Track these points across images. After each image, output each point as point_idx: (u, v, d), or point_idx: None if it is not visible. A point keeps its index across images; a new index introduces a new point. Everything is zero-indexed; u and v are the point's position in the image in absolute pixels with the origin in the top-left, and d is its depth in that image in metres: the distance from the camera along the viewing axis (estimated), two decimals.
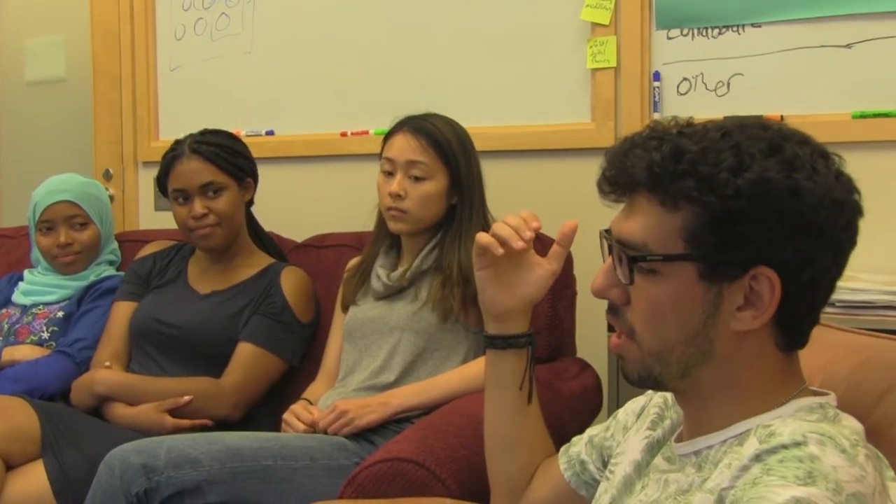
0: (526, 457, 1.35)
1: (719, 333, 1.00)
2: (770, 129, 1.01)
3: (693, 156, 0.97)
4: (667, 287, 1.00)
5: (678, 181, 0.97)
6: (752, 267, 0.97)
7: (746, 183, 0.95)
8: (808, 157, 0.98)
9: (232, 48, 2.94)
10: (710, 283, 0.98)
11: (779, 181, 0.95)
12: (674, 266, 0.99)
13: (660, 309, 1.01)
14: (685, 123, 1.03)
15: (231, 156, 2.26)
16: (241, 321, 2.20)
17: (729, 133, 0.99)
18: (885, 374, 1.11)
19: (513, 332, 1.32)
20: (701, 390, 1.04)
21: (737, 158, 0.96)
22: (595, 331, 2.16)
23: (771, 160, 0.96)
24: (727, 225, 0.96)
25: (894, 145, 2.16)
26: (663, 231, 0.99)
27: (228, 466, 1.74)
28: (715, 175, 0.96)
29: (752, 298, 0.98)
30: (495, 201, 2.12)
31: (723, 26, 2.34)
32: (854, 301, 1.96)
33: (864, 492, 0.89)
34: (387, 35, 2.71)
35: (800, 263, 0.97)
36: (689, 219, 0.98)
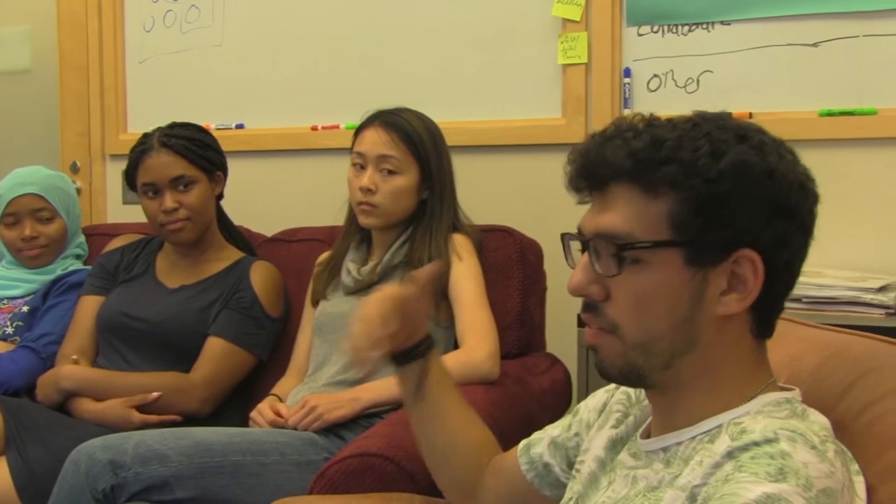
0: (470, 456, 1.35)
1: (704, 319, 1.01)
2: (728, 119, 1.04)
3: (672, 143, 0.99)
4: (652, 276, 1.00)
5: (662, 167, 0.99)
6: (734, 250, 0.99)
7: (727, 166, 0.98)
8: (771, 143, 1.02)
9: (202, 41, 2.91)
10: (696, 269, 1.00)
11: (756, 163, 0.98)
12: (660, 253, 1.00)
13: (646, 299, 1.01)
14: (651, 117, 1.04)
15: (201, 149, 2.24)
16: (211, 316, 2.19)
17: (698, 124, 1.02)
18: (849, 368, 1.12)
19: (411, 344, 1.31)
20: (680, 381, 1.04)
21: (712, 145, 0.99)
22: (564, 326, 2.18)
23: (743, 145, 0.99)
24: (711, 208, 0.98)
25: (860, 143, 2.19)
26: (647, 219, 1.00)
27: (197, 462, 1.73)
28: (696, 160, 0.98)
29: (734, 282, 1.00)
30: (466, 196, 2.13)
31: (693, 24, 2.36)
32: (819, 297, 1.99)
33: (834, 487, 0.90)
34: (358, 29, 2.71)
35: (778, 245, 0.99)
36: (673, 205, 0.99)
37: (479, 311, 1.95)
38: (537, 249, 2.20)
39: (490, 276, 2.04)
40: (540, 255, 2.21)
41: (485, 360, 1.87)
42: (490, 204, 2.30)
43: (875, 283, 2.02)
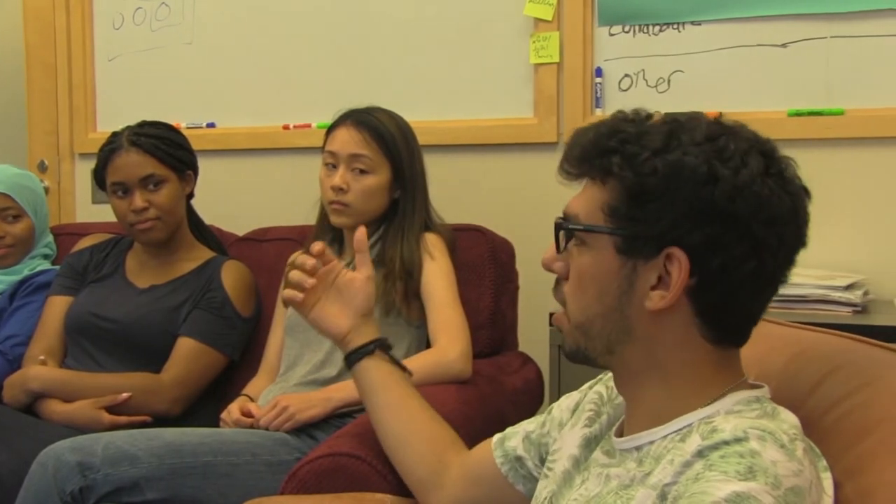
0: (425, 445, 1.40)
1: (635, 311, 1.03)
2: (720, 124, 1.04)
3: (626, 136, 1.02)
4: (590, 258, 1.05)
5: (605, 157, 1.03)
6: (665, 247, 1.00)
7: (664, 163, 0.99)
8: (743, 150, 1.01)
9: (172, 39, 2.90)
10: (626, 258, 1.02)
11: (697, 166, 0.99)
12: (596, 238, 1.04)
13: (584, 279, 1.06)
14: (645, 114, 1.06)
15: (171, 148, 2.22)
16: (181, 316, 2.17)
17: (673, 121, 1.03)
18: (817, 366, 1.13)
19: (361, 343, 1.47)
20: (630, 370, 1.07)
21: (665, 142, 1.00)
22: (536, 325, 2.18)
23: (697, 147, 1.00)
24: (640, 201, 1.00)
25: (827, 143, 2.22)
26: (592, 204, 1.05)
27: (168, 463, 1.72)
28: (638, 154, 1.01)
29: (665, 279, 1.01)
30: (438, 195, 2.13)
31: (664, 24, 2.37)
32: (788, 295, 2.01)
33: (802, 485, 0.91)
34: (330, 28, 2.70)
35: (708, 248, 0.99)
36: (612, 194, 1.03)
37: (451, 310, 1.94)
38: (509, 249, 2.21)
39: (462, 275, 2.04)
40: (512, 255, 2.21)
41: (457, 360, 1.87)
42: (462, 203, 2.31)
43: (843, 282, 2.05)
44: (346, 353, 1.49)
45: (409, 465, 1.41)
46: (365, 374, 1.47)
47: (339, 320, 1.49)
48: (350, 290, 1.50)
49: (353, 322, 1.49)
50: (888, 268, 2.19)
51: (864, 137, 2.22)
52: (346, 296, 1.50)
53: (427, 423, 1.43)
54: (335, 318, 1.49)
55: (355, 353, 1.47)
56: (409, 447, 1.41)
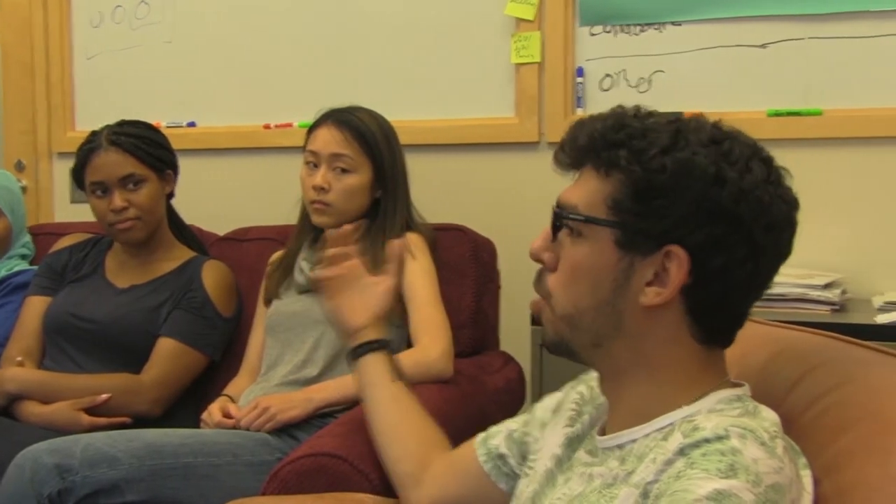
0: (413, 442, 1.41)
1: (628, 306, 1.03)
2: (721, 128, 1.05)
3: (632, 131, 1.02)
4: (586, 249, 1.04)
5: (612, 149, 1.02)
6: (666, 244, 1.00)
7: (673, 161, 0.99)
8: (746, 156, 1.02)
9: (152, 37, 2.88)
10: (624, 253, 1.02)
11: (704, 165, 1.00)
12: (594, 230, 1.04)
13: (577, 271, 1.05)
14: (646, 112, 1.07)
15: (151, 147, 2.21)
16: (162, 316, 2.16)
17: (677, 121, 1.04)
18: (796, 364, 1.14)
19: (371, 339, 1.49)
20: (615, 365, 1.07)
21: (672, 140, 1.01)
22: (518, 324, 2.19)
23: (705, 148, 1.01)
24: (647, 197, 1.00)
25: (806, 143, 2.24)
26: (593, 196, 1.04)
27: (148, 464, 1.71)
28: (646, 150, 1.01)
29: (661, 276, 1.01)
30: (420, 195, 2.13)
31: (644, 24, 2.38)
32: (769, 294, 2.00)
33: (782, 482, 0.92)
34: (311, 27, 2.70)
35: (711, 249, 1.00)
36: (616, 187, 1.02)
37: (432, 309, 1.94)
38: (491, 248, 2.21)
39: (444, 274, 2.04)
40: (493, 254, 2.21)
41: (438, 359, 1.87)
42: (444, 203, 2.31)
43: (821, 281, 2.07)
44: (354, 346, 1.50)
45: (396, 459, 1.41)
46: (369, 368, 1.48)
47: (354, 315, 1.51)
48: (373, 292, 1.53)
49: (367, 322, 1.51)
50: (866, 267, 2.21)
51: (841, 137, 2.23)
52: (367, 297, 1.52)
53: (418, 421, 1.44)
54: (351, 312, 1.52)
55: (364, 346, 1.49)
56: (400, 441, 1.42)
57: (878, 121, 2.20)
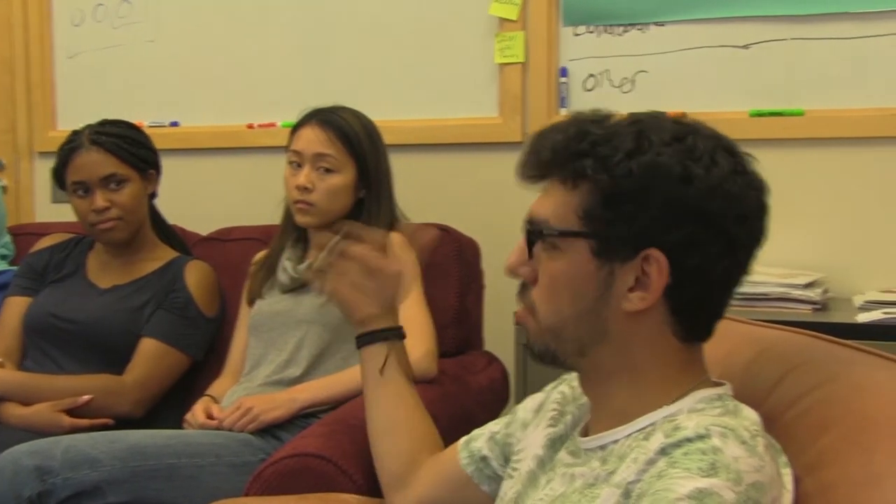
0: (406, 440, 1.38)
1: (612, 313, 1.03)
2: (682, 123, 1.04)
3: (595, 138, 1.02)
4: (564, 263, 1.04)
5: (578, 160, 1.02)
6: (643, 248, 1.00)
7: (639, 165, 0.99)
8: (710, 149, 1.01)
9: (134, 36, 2.86)
10: (603, 262, 1.02)
11: (671, 167, 0.99)
12: (570, 242, 1.03)
13: (557, 284, 1.05)
14: (605, 115, 1.06)
15: (133, 147, 2.20)
16: (144, 316, 2.15)
17: (638, 121, 1.03)
18: (778, 363, 1.15)
19: (376, 328, 1.42)
20: (602, 371, 1.07)
21: (636, 143, 1.00)
22: (502, 324, 2.19)
23: (669, 147, 1.00)
24: (617, 204, 1.00)
25: (788, 143, 2.25)
26: (563, 208, 1.03)
27: (130, 466, 1.70)
28: (611, 156, 1.00)
29: (643, 280, 1.01)
30: (404, 195, 2.13)
31: (628, 24, 2.39)
32: (751, 293, 2.03)
33: (763, 481, 0.92)
34: (295, 26, 2.69)
35: (687, 248, 1.00)
36: (585, 197, 1.02)
37: (416, 309, 1.94)
38: (475, 248, 2.21)
39: (427, 274, 2.04)
40: (477, 254, 2.22)
41: (422, 359, 1.86)
42: (427, 202, 2.30)
43: (803, 280, 2.08)
44: (362, 332, 1.43)
45: (387, 456, 1.39)
46: (373, 356, 1.41)
47: (365, 303, 1.42)
48: (381, 277, 1.42)
49: (378, 310, 1.42)
50: (847, 266, 2.22)
51: (823, 138, 2.25)
52: (378, 284, 1.42)
53: (415, 420, 1.41)
54: (362, 300, 1.42)
55: (371, 334, 1.42)
56: (394, 437, 1.39)
57: (860, 121, 2.21)
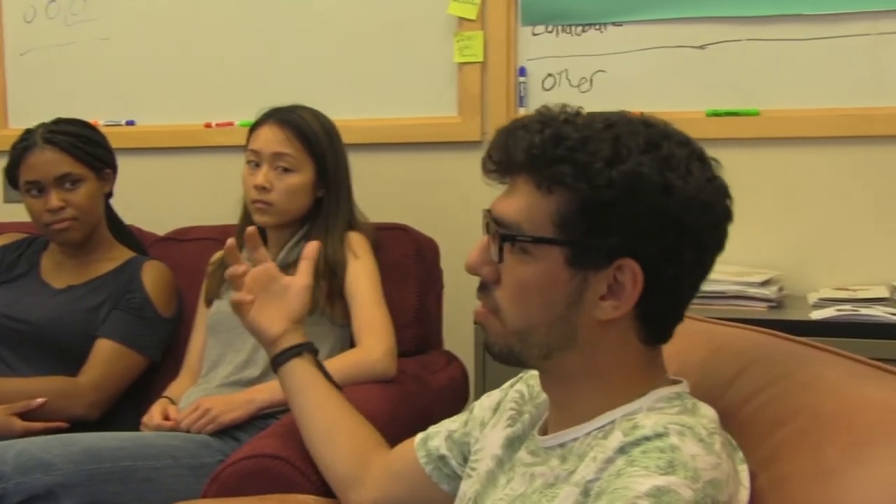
0: (347, 444, 1.40)
1: (582, 320, 1.02)
2: (653, 126, 1.03)
3: (572, 143, 0.99)
4: (535, 269, 1.02)
5: (554, 165, 0.99)
6: (618, 258, 0.99)
7: (619, 174, 0.97)
8: (685, 158, 1.01)
9: (88, 34, 2.83)
10: (576, 270, 1.00)
11: (651, 177, 0.98)
12: (543, 249, 1.01)
13: (526, 289, 1.03)
14: (574, 112, 1.04)
15: (88, 146, 2.18)
16: (100, 317, 2.13)
17: (612, 125, 1.01)
18: (733, 360, 1.16)
19: (290, 345, 1.48)
20: (565, 374, 1.06)
21: (614, 150, 0.98)
22: (461, 323, 2.19)
23: (647, 156, 0.99)
24: (596, 213, 0.98)
25: (744, 142, 2.28)
26: (536, 213, 1.01)
27: (84, 469, 1.67)
28: (590, 164, 0.98)
29: (615, 289, 1.00)
30: (362, 194, 2.12)
31: (586, 24, 2.40)
32: (708, 291, 2.05)
33: (720, 478, 0.93)
34: (253, 24, 2.67)
35: (664, 259, 0.99)
36: (562, 204, 0.99)
37: (375, 309, 1.94)
38: (434, 247, 2.21)
39: (386, 274, 2.04)
40: (436, 253, 2.22)
41: (381, 359, 1.86)
42: (386, 202, 2.30)
43: (759, 278, 2.10)
44: (274, 355, 1.49)
45: (331, 462, 1.41)
46: (292, 375, 1.47)
47: (273, 323, 1.49)
48: (287, 295, 1.50)
49: (287, 327, 1.48)
50: (802, 264, 2.26)
51: (778, 137, 2.28)
52: (282, 301, 1.50)
53: (351, 422, 1.43)
54: (269, 321, 1.49)
55: (284, 353, 1.47)
56: (332, 444, 1.41)
57: (814, 121, 2.24)
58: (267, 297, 1.50)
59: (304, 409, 1.45)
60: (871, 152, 2.23)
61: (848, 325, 1.91)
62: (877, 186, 2.23)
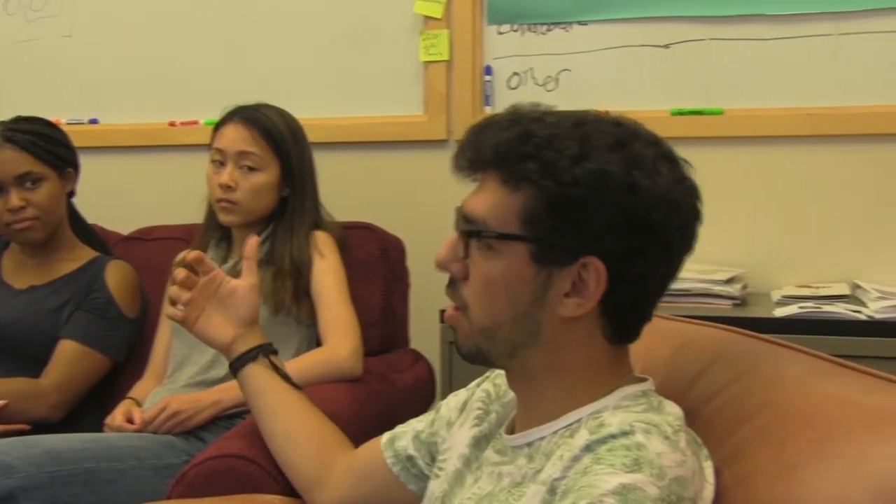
0: (310, 444, 1.39)
1: (546, 317, 1.02)
2: (623, 126, 1.04)
3: (539, 140, 1.00)
4: (500, 265, 1.02)
5: (521, 163, 1.00)
6: (583, 255, 0.99)
7: (585, 172, 0.98)
8: (653, 157, 1.01)
9: (49, 31, 2.79)
10: (541, 266, 1.01)
11: (617, 175, 0.98)
12: (508, 245, 1.02)
13: (492, 286, 1.03)
14: (545, 111, 1.05)
15: (49, 144, 2.15)
16: (63, 317, 2.11)
17: (581, 124, 1.02)
18: (698, 358, 1.17)
19: (245, 350, 1.45)
20: (530, 372, 1.06)
21: (581, 148, 0.99)
22: (428, 322, 2.19)
23: (614, 154, 0.99)
24: (562, 211, 0.99)
25: (708, 141, 2.29)
26: (503, 210, 1.02)
27: (47, 471, 1.65)
28: (556, 161, 0.98)
29: (579, 286, 1.01)
30: (328, 193, 2.11)
31: (551, 23, 2.41)
32: (673, 289, 2.05)
33: (685, 475, 0.94)
34: (218, 22, 2.65)
35: (629, 258, 1.00)
36: (528, 201, 1.00)
37: (341, 308, 1.93)
38: (400, 246, 2.21)
39: (352, 273, 2.03)
40: (402, 252, 2.21)
41: (347, 358, 1.86)
42: (352, 201, 2.29)
43: (723, 276, 2.12)
44: (230, 361, 1.47)
45: (294, 464, 1.40)
46: (249, 379, 1.45)
47: (223, 330, 1.46)
48: (233, 299, 1.47)
49: (238, 331, 1.46)
50: (765, 262, 2.28)
51: (741, 136, 2.30)
52: (229, 306, 1.46)
53: (312, 423, 1.42)
54: (219, 328, 1.46)
55: (238, 360, 1.45)
56: (295, 446, 1.40)
57: (777, 120, 2.27)
58: (214, 305, 1.47)
59: (262, 413, 1.44)
60: (833, 152, 2.26)
61: (810, 322, 1.93)
62: (838, 185, 2.26)
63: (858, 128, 2.22)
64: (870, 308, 1.96)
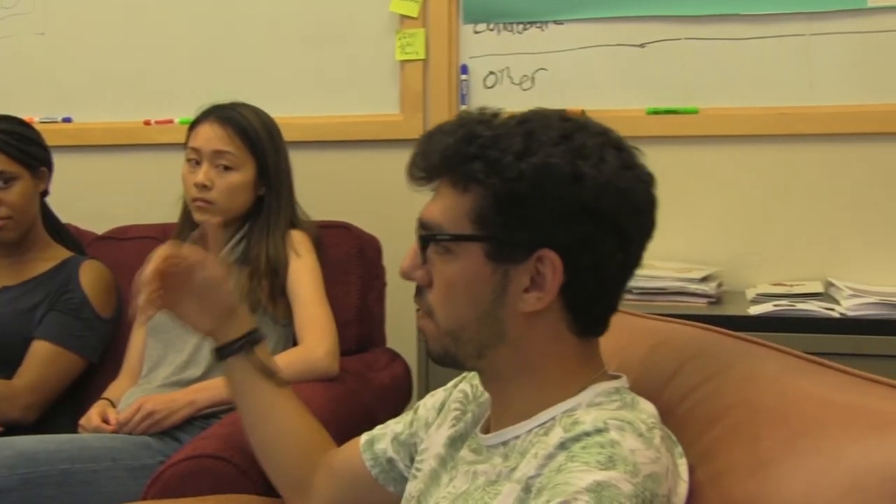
0: (298, 446, 1.35)
1: (508, 314, 1.03)
2: (570, 120, 1.05)
3: (484, 140, 1.01)
4: (458, 266, 1.04)
5: (467, 163, 1.01)
6: (537, 249, 1.01)
7: (529, 167, 0.99)
8: (598, 146, 1.02)
9: (22, 28, 2.77)
10: (497, 264, 1.02)
11: (561, 167, 0.99)
12: (463, 246, 1.03)
13: (453, 288, 1.04)
14: (492, 114, 1.06)
15: (22, 143, 2.13)
16: (36, 318, 2.09)
17: (526, 122, 1.03)
18: (673, 356, 1.17)
19: (227, 341, 1.35)
20: (500, 372, 1.07)
21: (525, 144, 1.00)
22: (404, 321, 2.19)
23: (558, 147, 1.00)
24: (510, 206, 1.00)
25: (684, 140, 2.31)
26: (455, 212, 1.03)
27: (19, 473, 1.64)
28: (501, 159, 1.00)
29: (537, 280, 1.02)
30: (304, 192, 2.11)
31: (527, 22, 2.42)
32: (648, 288, 2.08)
33: (659, 472, 0.94)
34: (193, 20, 2.64)
35: (580, 247, 1.00)
36: (477, 200, 1.02)
37: (317, 307, 1.93)
38: (376, 245, 2.21)
39: (329, 272, 2.03)
40: (378, 251, 2.21)
41: (323, 357, 1.85)
42: (328, 200, 2.29)
43: (699, 274, 2.14)
44: (216, 348, 1.38)
45: (281, 469, 1.37)
46: (234, 374, 1.37)
47: (199, 320, 1.37)
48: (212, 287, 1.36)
49: (215, 323, 1.36)
50: (741, 260, 2.30)
51: (717, 135, 2.31)
52: (203, 296, 1.36)
53: (302, 426, 1.37)
54: (195, 316, 1.37)
55: (222, 350, 1.37)
56: (282, 450, 1.36)
57: (751, 119, 2.28)
58: (189, 293, 1.36)
59: (249, 414, 1.37)
60: (806, 151, 2.27)
61: (784, 319, 1.95)
62: (812, 184, 2.28)
63: (832, 127, 2.24)
64: (843, 306, 1.98)
